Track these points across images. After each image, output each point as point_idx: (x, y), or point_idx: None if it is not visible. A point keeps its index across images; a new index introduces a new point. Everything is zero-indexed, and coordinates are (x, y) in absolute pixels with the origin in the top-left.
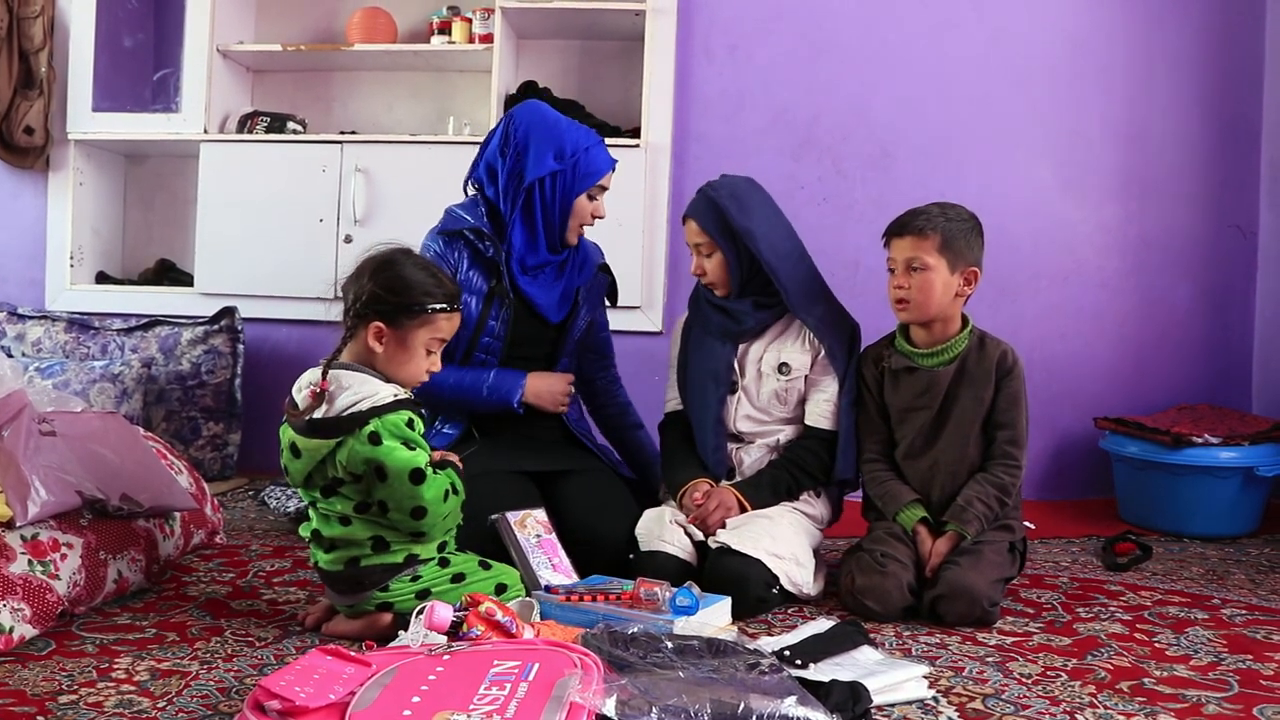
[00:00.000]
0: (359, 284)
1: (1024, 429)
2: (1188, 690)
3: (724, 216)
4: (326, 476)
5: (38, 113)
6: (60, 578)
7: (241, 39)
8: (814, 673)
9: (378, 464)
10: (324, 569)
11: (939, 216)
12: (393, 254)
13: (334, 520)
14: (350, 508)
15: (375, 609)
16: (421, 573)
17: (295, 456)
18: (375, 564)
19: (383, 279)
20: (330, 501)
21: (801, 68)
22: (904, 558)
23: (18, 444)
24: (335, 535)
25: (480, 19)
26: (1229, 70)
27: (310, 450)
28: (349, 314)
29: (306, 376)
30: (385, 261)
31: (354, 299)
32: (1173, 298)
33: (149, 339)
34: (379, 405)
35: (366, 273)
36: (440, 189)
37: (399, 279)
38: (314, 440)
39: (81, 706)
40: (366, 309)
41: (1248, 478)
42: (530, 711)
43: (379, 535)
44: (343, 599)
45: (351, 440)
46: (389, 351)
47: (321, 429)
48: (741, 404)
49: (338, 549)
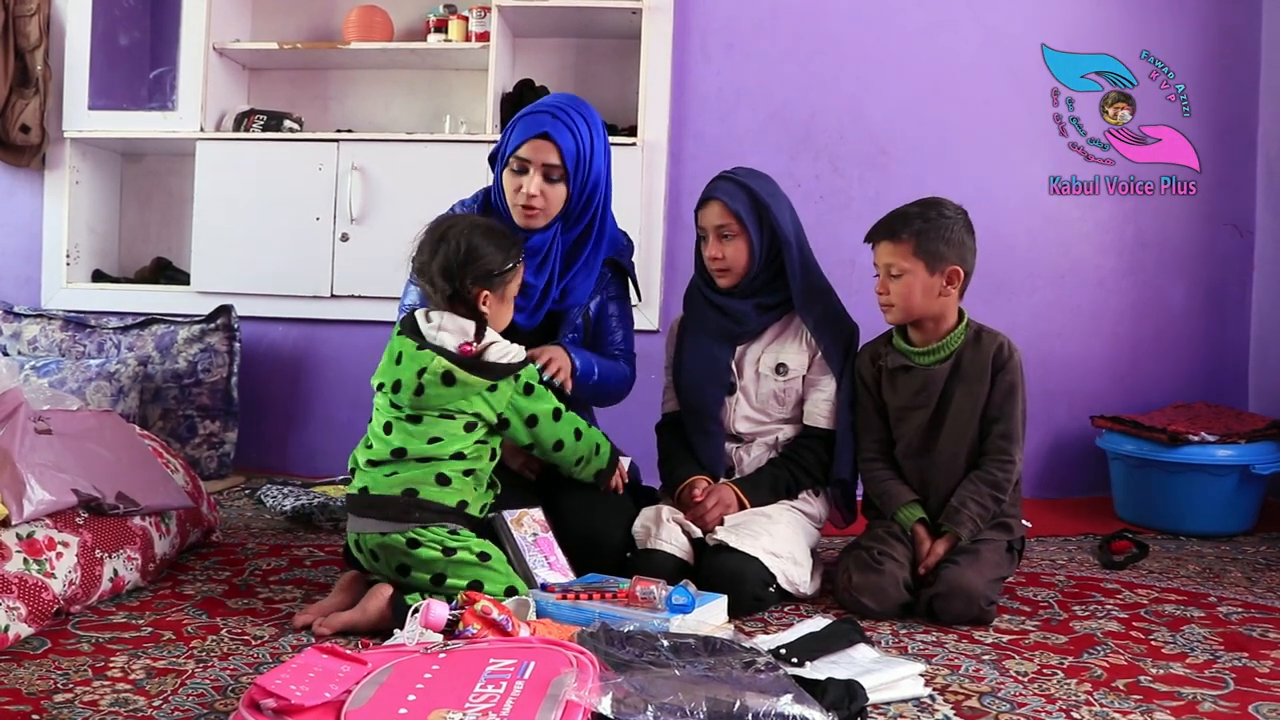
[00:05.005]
0: (453, 270)
1: (1019, 422)
2: (1184, 688)
3: (754, 196)
4: (469, 407)
5: (33, 111)
6: (56, 576)
7: (238, 37)
8: (810, 671)
9: (530, 415)
10: (373, 494)
11: (916, 218)
12: (461, 234)
13: (422, 439)
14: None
15: (405, 542)
16: (461, 532)
17: (448, 384)
18: (431, 500)
19: (475, 260)
20: (441, 421)
21: (798, 66)
22: (900, 556)
23: (13, 442)
24: (419, 453)
25: (477, 17)
26: (1225, 69)
27: (470, 384)
28: (455, 299)
29: (442, 318)
30: (466, 246)
31: (456, 287)
32: (1169, 296)
33: (145, 337)
34: (521, 360)
35: (456, 255)
36: (437, 187)
37: (485, 252)
38: (474, 376)
39: (77, 705)
40: (471, 286)
41: (1244, 476)
42: (526, 709)
43: (445, 472)
44: (381, 525)
45: (507, 387)
46: (494, 310)
47: (483, 369)
48: (740, 405)
49: (402, 473)
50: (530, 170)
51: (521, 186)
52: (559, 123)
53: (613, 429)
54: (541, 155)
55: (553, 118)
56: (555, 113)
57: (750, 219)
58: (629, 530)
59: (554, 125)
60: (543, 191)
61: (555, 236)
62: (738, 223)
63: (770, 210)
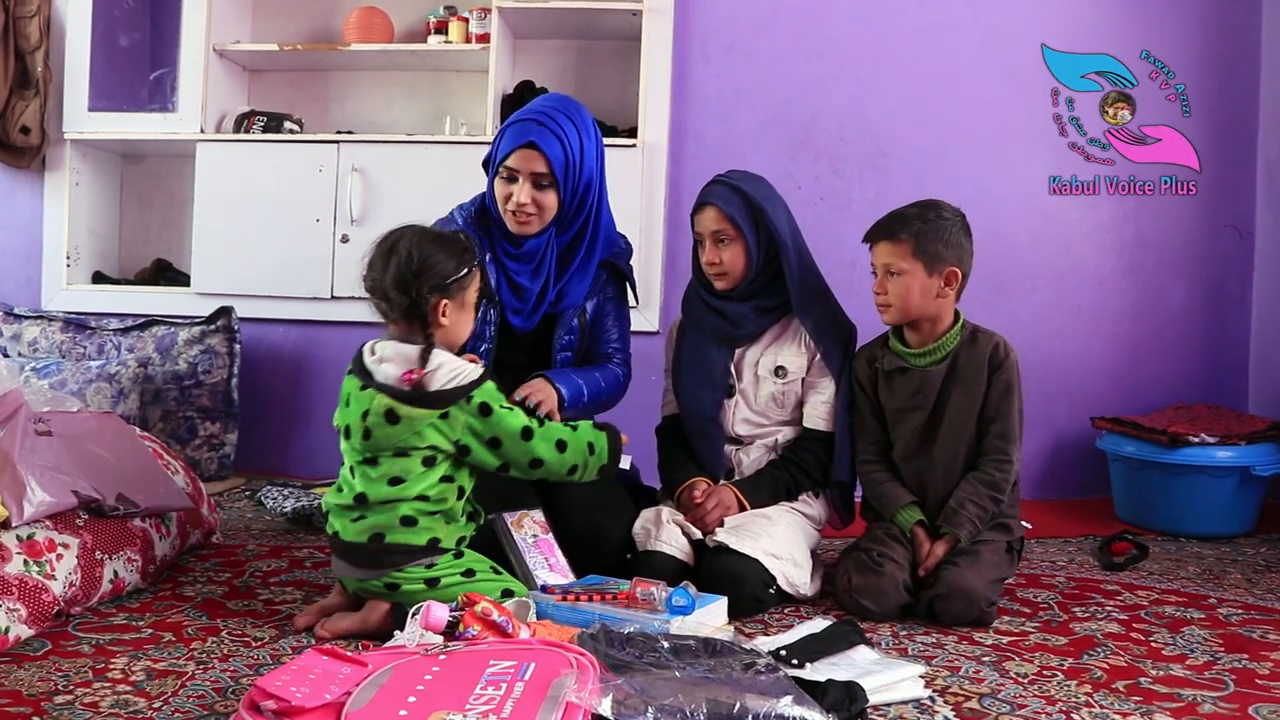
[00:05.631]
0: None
1: (1016, 422)
2: (1184, 689)
3: (749, 200)
4: (420, 441)
5: (34, 112)
6: (56, 578)
7: (238, 38)
8: (810, 672)
9: (492, 437)
10: (344, 540)
11: (915, 220)
12: (411, 244)
13: (382, 482)
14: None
15: (384, 587)
16: (438, 561)
17: (392, 423)
18: (399, 542)
19: (429, 269)
20: (396, 460)
21: (798, 67)
22: (900, 557)
23: (14, 444)
24: (381, 497)
25: (477, 19)
26: (1225, 69)
27: (415, 418)
28: (413, 313)
29: (389, 348)
30: (418, 256)
31: (413, 298)
32: (1169, 297)
33: (145, 339)
34: (474, 379)
35: (409, 268)
36: (437, 188)
37: (437, 259)
38: (420, 410)
39: (77, 707)
40: (428, 295)
41: (1244, 477)
42: (526, 711)
43: (410, 514)
44: (357, 572)
45: (460, 412)
46: (453, 319)
47: (428, 400)
48: (739, 408)
49: (371, 516)
50: (519, 179)
51: (512, 195)
52: (545, 130)
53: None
54: (529, 165)
55: (539, 125)
56: (541, 119)
57: (746, 223)
58: (629, 532)
59: (540, 134)
60: (534, 199)
61: (550, 240)
62: (733, 227)
63: (766, 213)
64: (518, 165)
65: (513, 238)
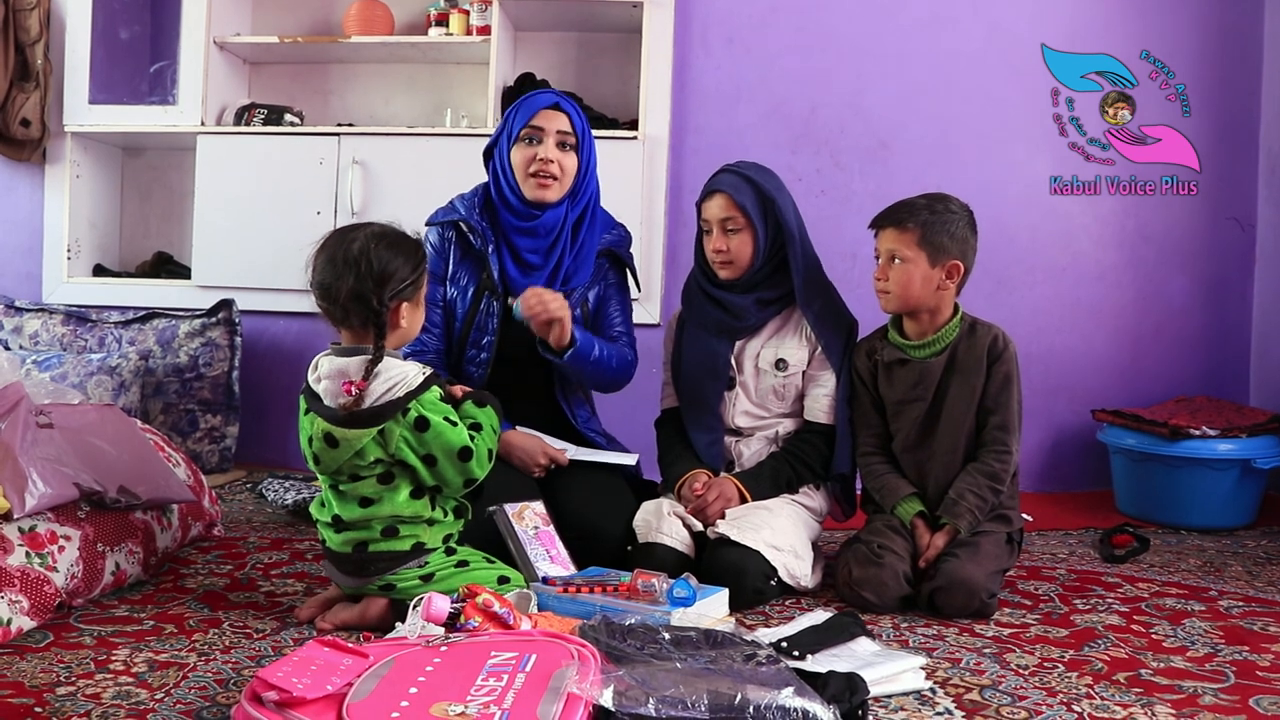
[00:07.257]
0: (365, 287)
1: (1015, 413)
2: (1184, 681)
3: (760, 190)
4: (364, 460)
5: (34, 105)
6: (58, 570)
7: (238, 31)
8: (811, 664)
9: (427, 454)
10: (333, 550)
11: (923, 210)
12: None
13: (353, 502)
14: (372, 489)
15: (378, 590)
16: (430, 559)
17: (332, 446)
18: (383, 550)
19: (389, 276)
20: (355, 484)
21: (799, 60)
22: (900, 549)
23: (15, 436)
24: (355, 517)
25: (478, 11)
26: (1225, 69)
27: (350, 439)
28: (367, 317)
29: (326, 364)
30: (379, 264)
31: (374, 308)
32: (1170, 290)
33: (146, 332)
34: (413, 389)
35: (369, 277)
36: (438, 181)
37: (395, 265)
38: (354, 430)
39: (79, 698)
40: (389, 303)
41: (1245, 470)
42: (527, 702)
43: (391, 523)
44: (348, 580)
45: (396, 428)
46: (410, 318)
47: (361, 419)
48: (739, 400)
49: (350, 531)
50: (544, 138)
51: (537, 154)
52: (563, 99)
53: (613, 424)
54: (555, 123)
55: (555, 95)
56: (555, 93)
57: (756, 212)
58: (630, 524)
59: (561, 99)
60: (558, 159)
61: (566, 214)
62: (743, 216)
63: (776, 204)
64: (543, 124)
65: (526, 215)
